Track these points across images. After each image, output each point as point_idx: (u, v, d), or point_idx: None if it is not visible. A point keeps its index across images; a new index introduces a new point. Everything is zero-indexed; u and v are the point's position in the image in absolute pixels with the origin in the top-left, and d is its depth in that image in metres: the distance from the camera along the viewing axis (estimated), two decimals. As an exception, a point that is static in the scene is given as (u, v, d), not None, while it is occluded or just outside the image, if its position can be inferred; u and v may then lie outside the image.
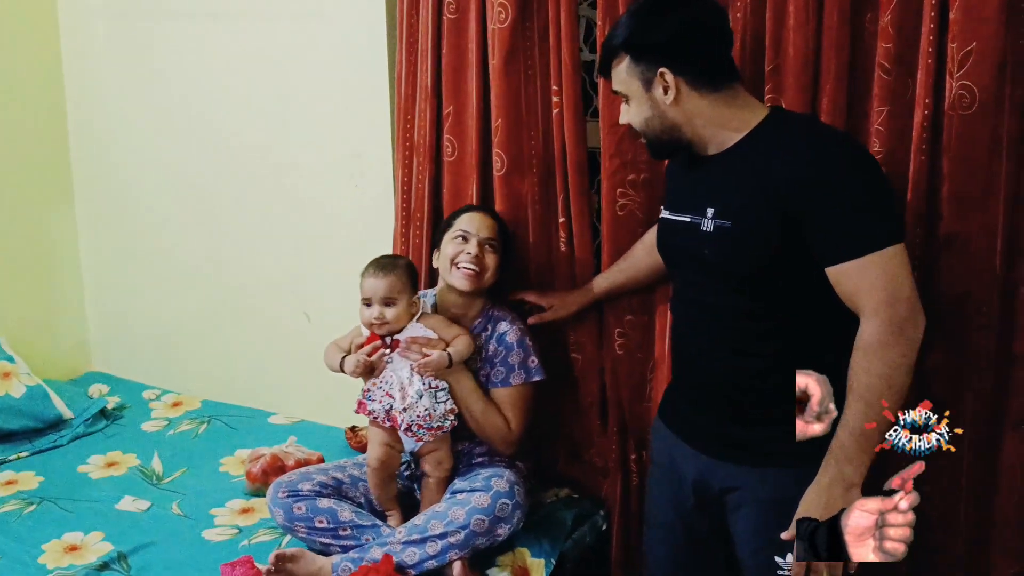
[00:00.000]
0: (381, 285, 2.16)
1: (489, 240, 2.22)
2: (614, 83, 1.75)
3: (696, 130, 1.69)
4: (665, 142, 1.73)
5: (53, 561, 2.22)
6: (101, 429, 2.99)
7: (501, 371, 2.23)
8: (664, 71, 1.65)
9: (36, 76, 3.33)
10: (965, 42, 1.71)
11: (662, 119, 1.70)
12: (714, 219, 1.66)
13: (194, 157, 3.14)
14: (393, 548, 2.06)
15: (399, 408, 2.16)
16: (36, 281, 3.43)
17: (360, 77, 2.69)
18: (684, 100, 1.67)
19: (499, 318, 2.28)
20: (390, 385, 2.18)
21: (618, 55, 1.71)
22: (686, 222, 1.73)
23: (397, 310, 2.17)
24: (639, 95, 1.70)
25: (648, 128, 1.73)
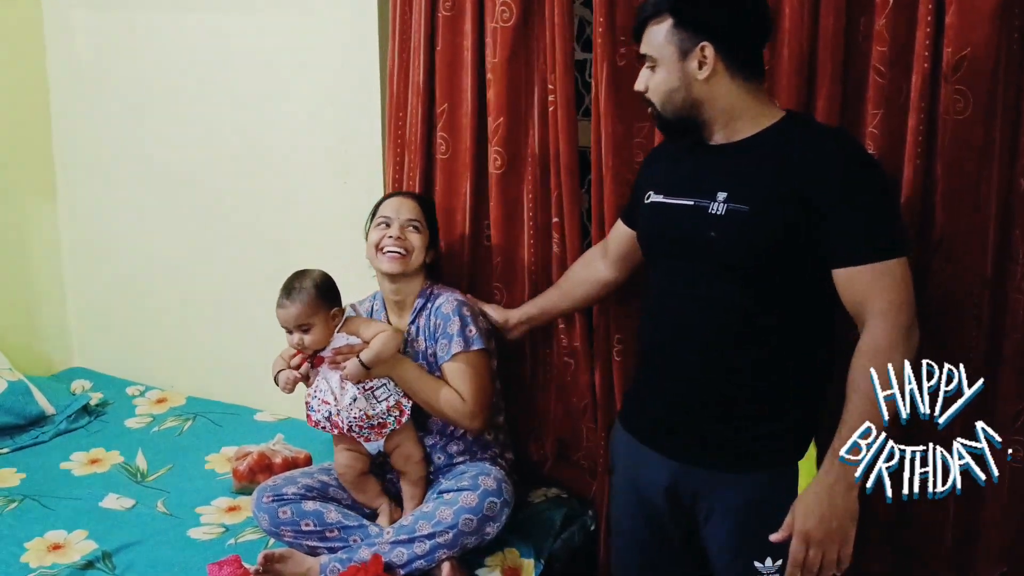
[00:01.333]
0: (291, 315, 2.13)
1: (411, 221, 2.22)
2: (644, 45, 1.70)
3: (715, 113, 1.67)
4: (679, 119, 1.70)
5: (36, 560, 2.19)
6: (84, 425, 2.95)
7: (444, 343, 2.19)
8: (707, 46, 1.62)
9: (19, 69, 3.28)
10: (960, 47, 1.72)
11: (687, 93, 1.66)
12: (728, 203, 1.63)
13: (178, 151, 3.11)
14: (382, 548, 2.05)
15: (335, 412, 2.16)
16: (17, 275, 3.38)
17: (349, 72, 2.67)
18: (716, 80, 1.64)
19: (437, 295, 2.25)
20: (324, 392, 2.18)
21: (660, 16, 1.66)
22: (689, 205, 1.69)
23: (315, 335, 2.14)
24: (671, 63, 1.66)
25: (669, 99, 1.68)
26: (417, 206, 2.25)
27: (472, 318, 2.21)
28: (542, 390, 2.45)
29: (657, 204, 1.78)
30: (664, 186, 1.78)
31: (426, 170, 2.43)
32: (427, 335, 2.23)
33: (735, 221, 1.62)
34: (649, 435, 1.82)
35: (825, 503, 1.54)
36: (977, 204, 1.79)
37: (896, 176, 1.83)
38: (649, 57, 1.69)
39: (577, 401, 2.39)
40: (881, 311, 1.55)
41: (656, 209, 1.78)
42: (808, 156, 1.60)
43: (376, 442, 2.22)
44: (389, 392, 2.18)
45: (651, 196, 1.80)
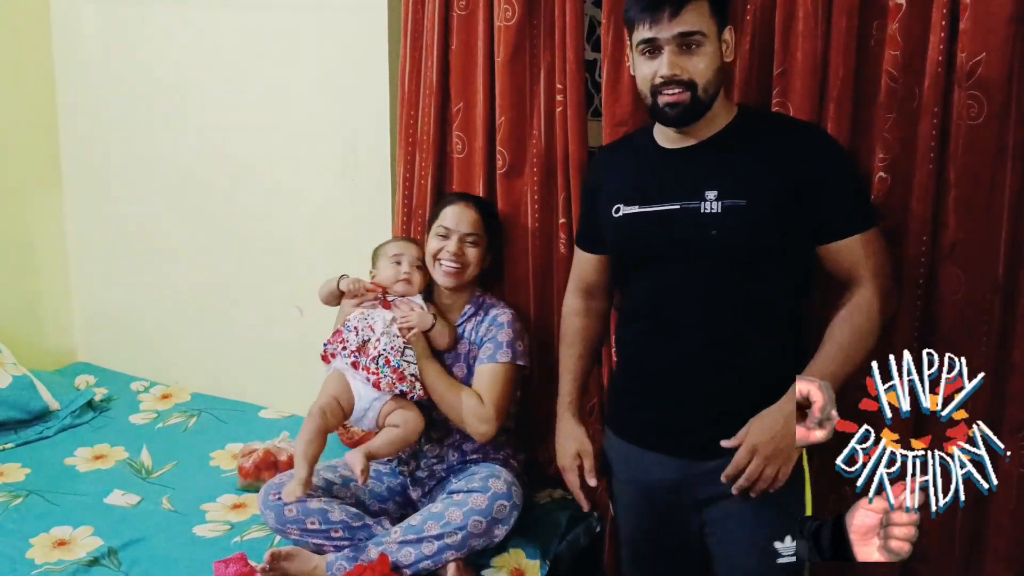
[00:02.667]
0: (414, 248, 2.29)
1: (470, 235, 2.22)
2: (689, 21, 1.64)
3: (718, 101, 1.72)
4: (709, 103, 1.70)
5: (42, 556, 2.19)
6: (88, 421, 2.96)
7: (489, 347, 2.21)
8: (731, 29, 1.71)
9: (26, 62, 3.28)
10: (974, 52, 1.72)
11: (725, 74, 1.72)
12: (721, 200, 1.67)
13: (185, 147, 3.11)
14: (389, 547, 2.05)
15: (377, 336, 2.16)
16: (22, 269, 3.38)
17: (358, 70, 2.66)
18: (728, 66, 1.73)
19: (491, 305, 2.29)
20: (362, 325, 2.19)
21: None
22: (674, 210, 1.71)
23: (422, 275, 2.26)
24: (717, 41, 1.68)
25: (716, 79, 1.69)
26: (478, 217, 2.24)
27: (521, 334, 2.25)
28: (548, 390, 2.44)
29: (634, 215, 1.77)
30: (634, 196, 1.78)
31: (439, 169, 2.42)
32: (473, 339, 2.25)
33: (735, 216, 1.66)
34: (649, 438, 1.82)
35: (780, 424, 1.63)
36: (989, 209, 1.79)
37: (909, 180, 1.83)
38: (699, 34, 1.64)
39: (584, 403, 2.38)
40: (870, 276, 1.68)
41: (635, 220, 1.77)
42: (792, 145, 1.69)
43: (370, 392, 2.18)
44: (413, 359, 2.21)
45: (621, 209, 1.79)
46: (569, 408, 2.03)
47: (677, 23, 1.63)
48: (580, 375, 2.05)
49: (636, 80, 1.75)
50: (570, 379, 2.04)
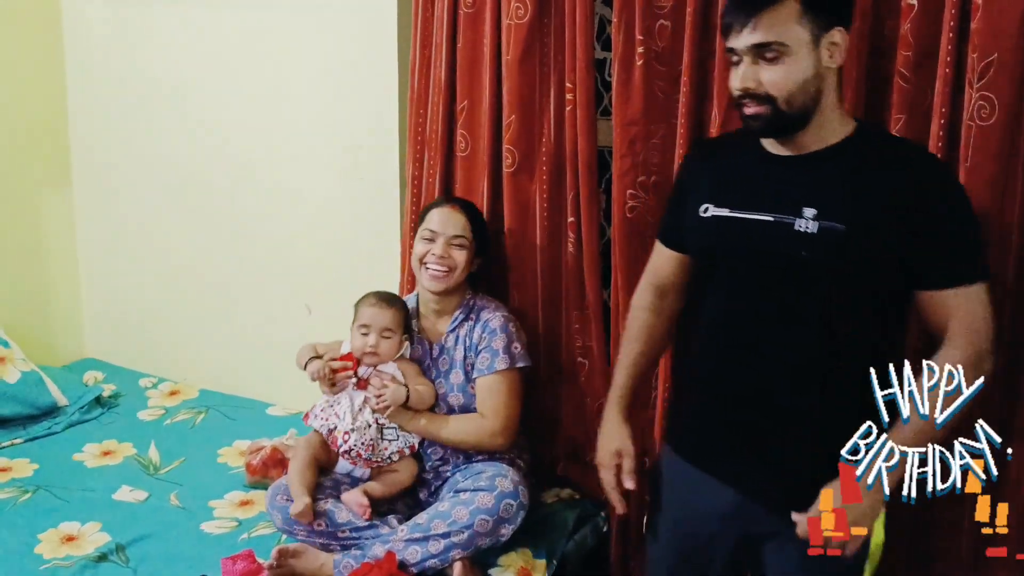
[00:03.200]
0: (385, 316, 2.20)
1: (456, 237, 2.21)
2: (766, 32, 1.50)
3: (824, 110, 1.55)
4: (800, 116, 1.54)
5: (50, 551, 2.20)
6: (96, 417, 2.96)
7: (486, 357, 2.21)
8: (840, 30, 1.52)
9: (37, 61, 3.29)
10: (986, 53, 1.71)
11: (819, 84, 1.53)
12: (819, 220, 1.53)
13: (194, 146, 3.11)
14: (395, 546, 2.05)
15: (345, 428, 2.18)
16: (32, 265, 3.39)
17: (367, 69, 2.66)
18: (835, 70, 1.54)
19: (482, 307, 2.28)
20: (341, 407, 2.21)
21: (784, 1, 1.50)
22: (767, 221, 1.58)
23: (391, 344, 2.21)
24: (805, 50, 1.51)
25: (801, 91, 1.52)
26: (465, 220, 2.23)
27: (517, 335, 2.24)
28: (554, 390, 2.45)
29: (721, 218, 1.64)
30: (726, 198, 1.65)
31: (446, 167, 2.42)
32: (468, 346, 2.24)
33: (830, 240, 1.52)
34: (708, 461, 1.71)
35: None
36: (1000, 211, 1.78)
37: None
38: (775, 45, 1.50)
39: (591, 402, 2.38)
40: (964, 334, 1.52)
41: (722, 224, 1.64)
42: (905, 175, 1.52)
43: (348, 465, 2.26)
44: (395, 435, 2.22)
45: (710, 209, 1.66)
46: (618, 404, 1.89)
47: (753, 33, 1.51)
48: (636, 373, 1.91)
49: None
50: (625, 375, 1.90)
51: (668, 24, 2.05)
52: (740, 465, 1.66)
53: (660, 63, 2.08)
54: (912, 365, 1.42)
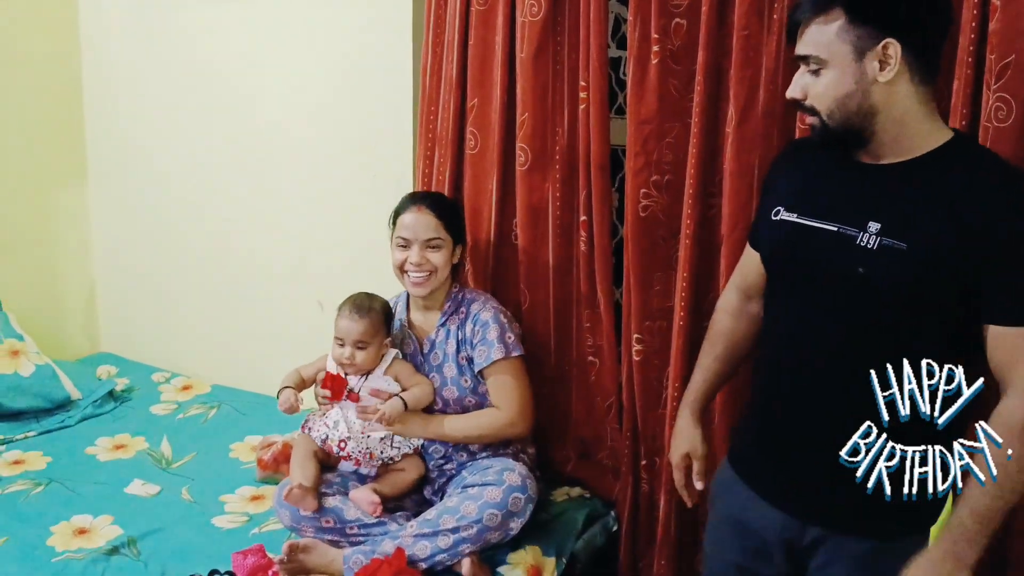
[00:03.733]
0: (355, 328, 2.18)
1: (430, 241, 2.20)
2: (806, 44, 1.47)
3: (888, 123, 1.46)
4: (848, 129, 1.47)
5: (62, 544, 2.21)
6: (109, 411, 2.98)
7: (483, 350, 2.21)
8: (891, 43, 1.41)
9: (53, 54, 3.31)
10: (1004, 54, 1.68)
11: (863, 98, 1.44)
12: (881, 236, 1.45)
13: (209, 140, 3.13)
14: (404, 541, 2.05)
15: (341, 437, 2.19)
16: (46, 259, 3.41)
17: (381, 66, 2.67)
18: (897, 82, 1.43)
19: (471, 300, 2.28)
20: (331, 418, 2.22)
21: (829, 12, 1.44)
22: (832, 231, 1.50)
23: (367, 354, 2.19)
24: (845, 64, 1.43)
25: (841, 107, 1.46)
26: (435, 220, 2.20)
27: (509, 324, 2.24)
28: (565, 389, 2.45)
29: (788, 223, 1.57)
30: (797, 203, 1.57)
31: (457, 166, 2.42)
32: (461, 339, 2.24)
33: (889, 259, 1.43)
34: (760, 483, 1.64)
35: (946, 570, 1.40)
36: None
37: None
38: (813, 59, 1.47)
39: (601, 401, 2.38)
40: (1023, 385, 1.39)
41: (787, 229, 1.57)
42: (981, 197, 1.41)
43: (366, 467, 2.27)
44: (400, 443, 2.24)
45: (780, 212, 1.59)
46: (690, 406, 1.84)
47: (798, 44, 1.49)
48: (713, 376, 1.84)
49: None
50: (700, 378, 1.85)
51: (684, 23, 2.04)
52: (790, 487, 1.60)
53: (675, 62, 2.07)
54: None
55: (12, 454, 2.67)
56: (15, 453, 2.68)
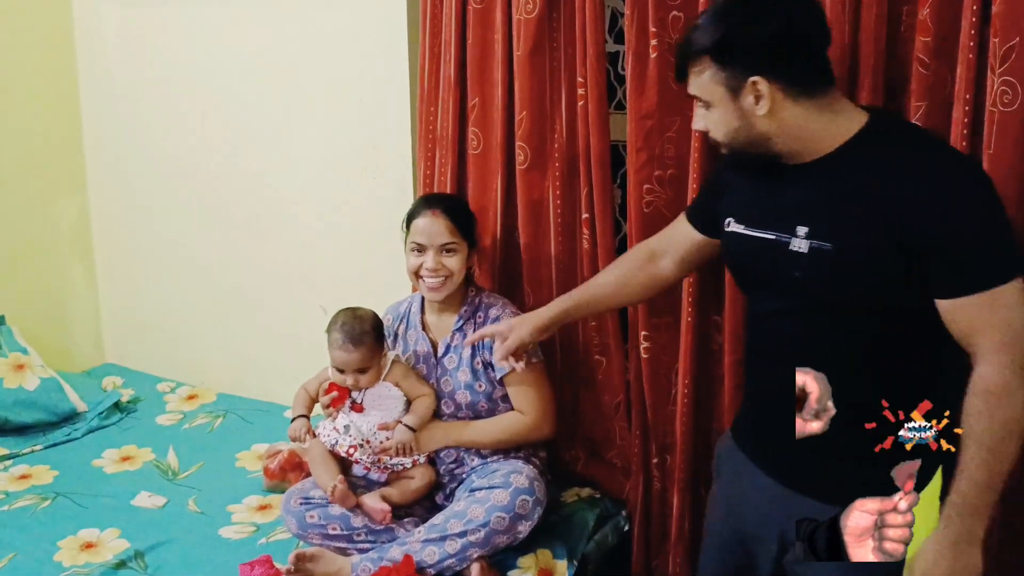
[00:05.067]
0: (354, 359, 2.16)
1: (445, 245, 2.17)
2: (692, 86, 1.56)
3: (788, 142, 1.51)
4: (752, 155, 1.55)
5: (69, 559, 2.20)
6: (116, 422, 2.97)
7: None
8: (757, 80, 1.46)
9: (50, 64, 3.30)
10: (1008, 37, 1.66)
11: (749, 130, 1.51)
12: (809, 239, 1.49)
13: (208, 147, 3.11)
14: (412, 547, 2.03)
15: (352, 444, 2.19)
16: (49, 272, 3.41)
17: (378, 67, 2.65)
18: (778, 110, 1.48)
19: (489, 304, 2.26)
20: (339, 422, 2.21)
21: (700, 60, 1.51)
22: (769, 240, 1.55)
23: (370, 376, 2.19)
24: (724, 103, 1.51)
25: (733, 139, 1.54)
26: (451, 224, 2.18)
27: None
28: (573, 388, 2.43)
29: (737, 235, 1.64)
30: (743, 214, 1.64)
31: (458, 166, 2.40)
32: (477, 344, 2.22)
33: (819, 261, 1.48)
34: (755, 452, 1.71)
35: (948, 560, 1.40)
36: (1023, 198, 1.73)
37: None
38: (700, 99, 1.55)
39: (609, 399, 2.36)
40: (992, 349, 1.39)
41: (736, 241, 1.64)
42: (896, 179, 1.42)
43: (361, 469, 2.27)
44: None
45: (731, 224, 1.66)
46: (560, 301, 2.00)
47: (689, 85, 1.57)
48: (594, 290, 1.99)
49: None
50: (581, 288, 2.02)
51: (681, 15, 2.02)
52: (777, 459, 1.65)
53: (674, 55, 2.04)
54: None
55: (19, 468, 2.66)
56: (22, 467, 2.67)
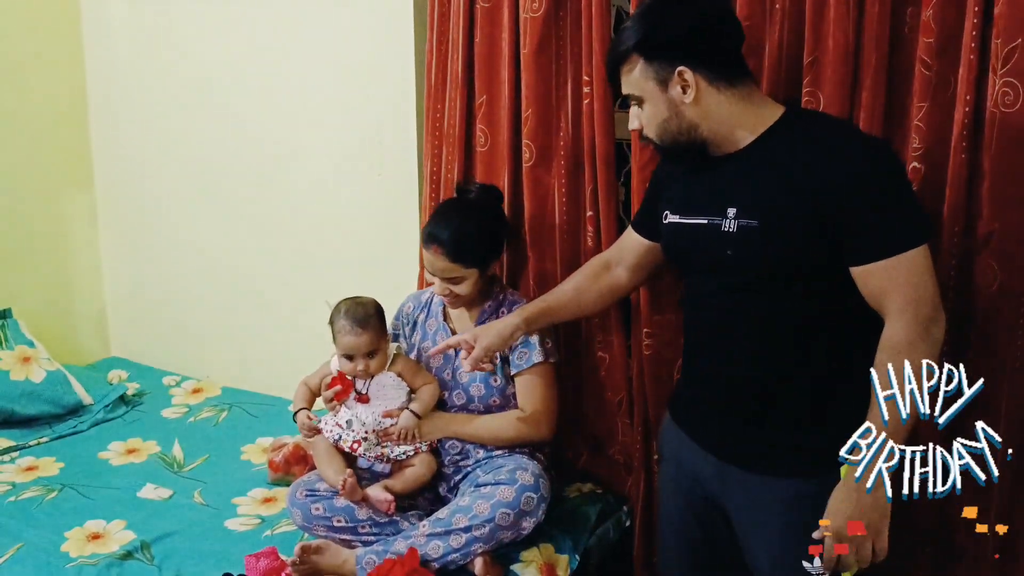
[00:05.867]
0: (362, 342, 2.17)
1: (449, 279, 2.18)
2: (624, 87, 1.70)
3: (714, 128, 1.65)
4: (681, 144, 1.68)
5: (76, 549, 2.21)
6: (121, 415, 2.99)
7: (524, 352, 2.21)
8: (683, 69, 1.61)
9: (57, 58, 3.32)
10: (1010, 38, 1.68)
11: (679, 120, 1.65)
12: (737, 219, 1.62)
13: (215, 142, 3.13)
14: (417, 541, 2.05)
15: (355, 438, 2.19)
16: (55, 265, 3.43)
17: (384, 64, 2.66)
18: (703, 98, 1.63)
19: (513, 302, 2.28)
20: (342, 417, 2.22)
21: (628, 58, 1.66)
22: (703, 224, 1.68)
23: (378, 360, 2.20)
24: (654, 96, 1.65)
25: (664, 131, 1.67)
26: (449, 263, 2.14)
27: (548, 331, 2.24)
28: (575, 385, 2.44)
29: (674, 225, 1.78)
30: (679, 205, 1.77)
31: (465, 163, 2.42)
32: None
33: (748, 237, 1.61)
34: (694, 429, 1.82)
35: (853, 502, 1.52)
36: (1024, 199, 1.76)
37: (942, 170, 1.79)
38: (633, 97, 1.69)
39: (612, 396, 2.37)
40: (899, 308, 1.54)
41: (673, 230, 1.78)
42: (810, 157, 1.57)
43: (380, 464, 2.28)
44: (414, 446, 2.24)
45: (668, 216, 1.79)
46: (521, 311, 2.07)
47: (622, 87, 1.71)
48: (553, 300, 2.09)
49: None
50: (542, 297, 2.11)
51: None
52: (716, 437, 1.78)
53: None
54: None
55: (25, 460, 2.68)
56: (28, 459, 2.69)
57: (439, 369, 2.28)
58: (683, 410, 1.88)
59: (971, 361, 1.79)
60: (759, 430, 1.70)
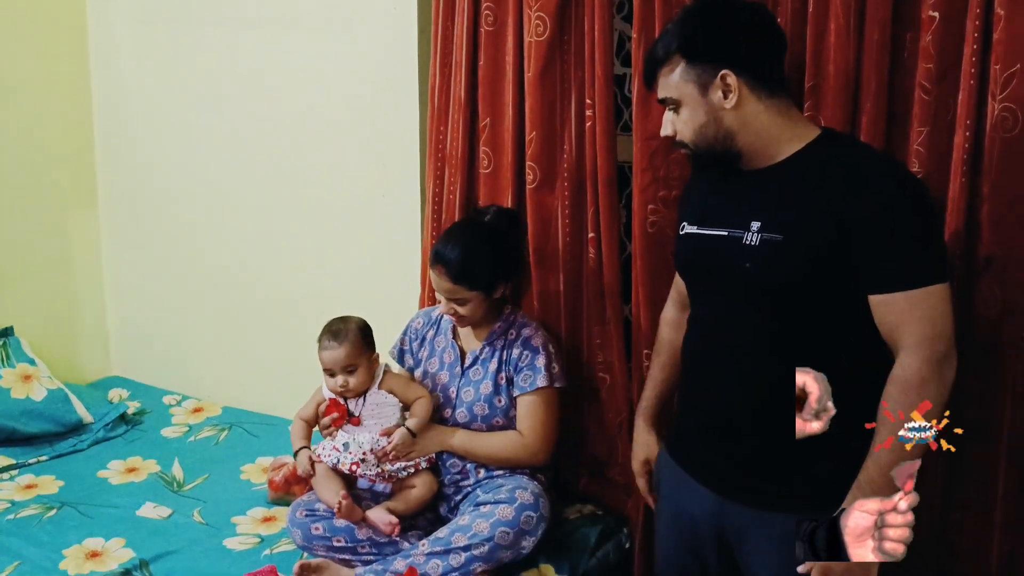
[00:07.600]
0: (339, 355, 2.18)
1: (453, 301, 2.20)
2: (662, 90, 1.67)
3: (750, 140, 1.63)
4: (716, 152, 1.65)
5: (75, 567, 2.21)
6: (121, 434, 2.99)
7: (528, 375, 2.22)
8: (727, 73, 1.59)
9: (63, 80, 3.34)
10: (1009, 64, 1.69)
11: (717, 126, 1.62)
12: (761, 232, 1.59)
13: (219, 163, 3.15)
14: (416, 560, 2.04)
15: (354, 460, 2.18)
16: (58, 284, 3.43)
17: (388, 87, 2.68)
18: (744, 105, 1.61)
19: (523, 324, 2.28)
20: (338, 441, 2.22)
21: (671, 60, 1.63)
22: (723, 236, 1.66)
23: (358, 377, 2.20)
24: (694, 100, 1.62)
25: (701, 136, 1.64)
26: (452, 284, 2.16)
27: (556, 356, 2.26)
28: (576, 406, 2.44)
29: (691, 235, 1.75)
30: (698, 217, 1.75)
31: (468, 184, 2.43)
32: (505, 359, 2.25)
33: (769, 251, 1.58)
34: (693, 465, 1.78)
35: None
36: (1024, 223, 1.76)
37: (941, 195, 1.80)
38: (670, 100, 1.66)
39: (612, 417, 2.37)
40: (915, 343, 1.51)
41: (690, 240, 1.76)
42: (844, 180, 1.54)
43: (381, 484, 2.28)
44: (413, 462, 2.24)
45: (685, 227, 1.78)
46: (643, 414, 2.02)
47: (657, 90, 1.69)
48: (661, 384, 2.00)
49: None
50: (651, 386, 2.02)
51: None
52: (715, 469, 1.74)
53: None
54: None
55: (25, 478, 2.68)
56: (28, 477, 2.68)
57: (444, 387, 2.29)
58: (681, 445, 1.84)
59: (972, 386, 1.81)
60: (761, 465, 1.66)
